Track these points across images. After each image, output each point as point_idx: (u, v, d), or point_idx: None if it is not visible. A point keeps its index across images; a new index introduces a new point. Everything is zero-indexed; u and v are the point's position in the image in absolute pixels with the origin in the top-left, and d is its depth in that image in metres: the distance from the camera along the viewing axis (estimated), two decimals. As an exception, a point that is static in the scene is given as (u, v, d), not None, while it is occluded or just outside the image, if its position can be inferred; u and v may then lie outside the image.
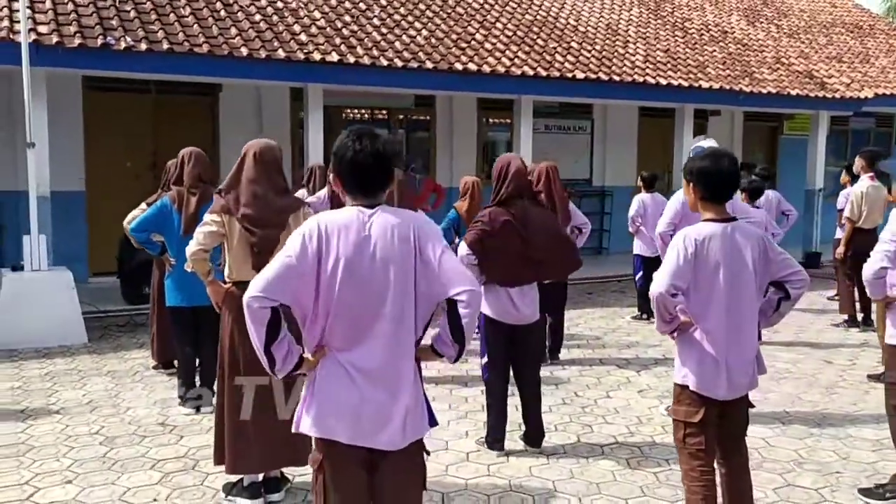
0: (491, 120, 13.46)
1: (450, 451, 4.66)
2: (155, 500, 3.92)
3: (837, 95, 13.25)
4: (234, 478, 3.94)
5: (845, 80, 13.92)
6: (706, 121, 15.61)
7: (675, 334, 3.27)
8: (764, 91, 12.43)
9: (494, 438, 4.61)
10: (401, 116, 12.87)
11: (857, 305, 8.40)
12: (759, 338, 3.46)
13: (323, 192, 6.95)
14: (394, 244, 2.44)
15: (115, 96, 10.23)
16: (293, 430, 2.54)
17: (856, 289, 8.22)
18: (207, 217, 3.86)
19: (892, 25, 19.72)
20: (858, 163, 8.45)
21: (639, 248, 8.59)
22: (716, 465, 3.28)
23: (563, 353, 6.95)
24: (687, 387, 3.21)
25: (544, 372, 6.45)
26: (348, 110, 12.37)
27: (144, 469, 4.30)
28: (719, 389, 3.15)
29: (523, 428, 4.74)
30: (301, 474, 4.11)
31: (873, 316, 8.47)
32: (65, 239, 8.96)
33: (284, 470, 4.01)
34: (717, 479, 3.26)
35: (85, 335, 7.28)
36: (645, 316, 8.47)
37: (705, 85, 11.85)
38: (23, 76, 7.21)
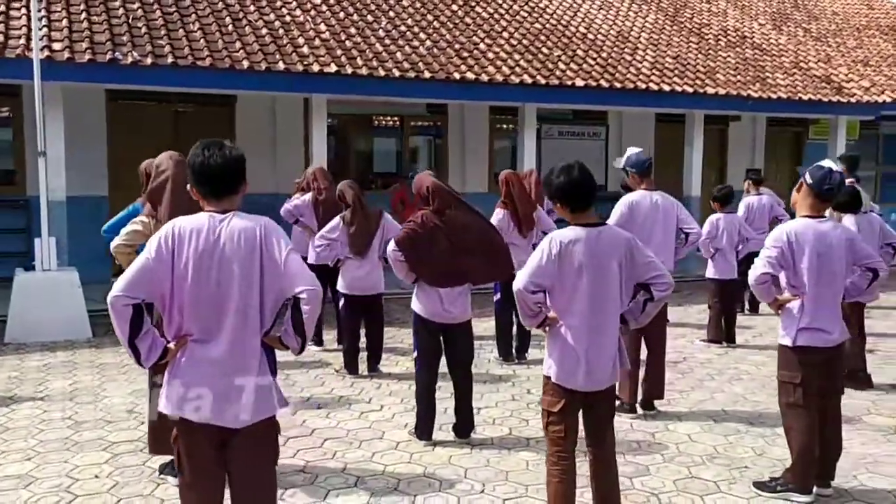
0: (503, 126, 13.71)
1: (384, 440, 4.97)
2: (97, 476, 4.34)
3: (853, 100, 13.11)
4: (170, 458, 4.32)
5: (865, 84, 13.74)
6: (727, 126, 15.59)
7: (546, 329, 3.52)
8: (774, 96, 12.40)
9: (422, 429, 4.90)
10: (413, 123, 13.25)
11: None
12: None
13: (308, 196, 7.38)
14: (240, 246, 2.76)
15: (136, 107, 10.88)
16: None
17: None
18: (137, 218, 4.26)
19: (933, 27, 19.19)
20: (840, 168, 8.44)
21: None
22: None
23: (534, 353, 7.17)
24: (550, 378, 3.46)
25: (506, 369, 6.77)
26: (359, 118, 12.80)
27: (98, 450, 4.72)
28: (579, 381, 3.40)
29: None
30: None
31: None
32: (89, 241, 9.56)
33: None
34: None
35: (89, 331, 7.82)
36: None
37: (711, 91, 11.90)
38: (34, 90, 7.81)
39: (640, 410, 5.52)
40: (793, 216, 4.26)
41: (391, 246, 4.71)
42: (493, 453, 4.75)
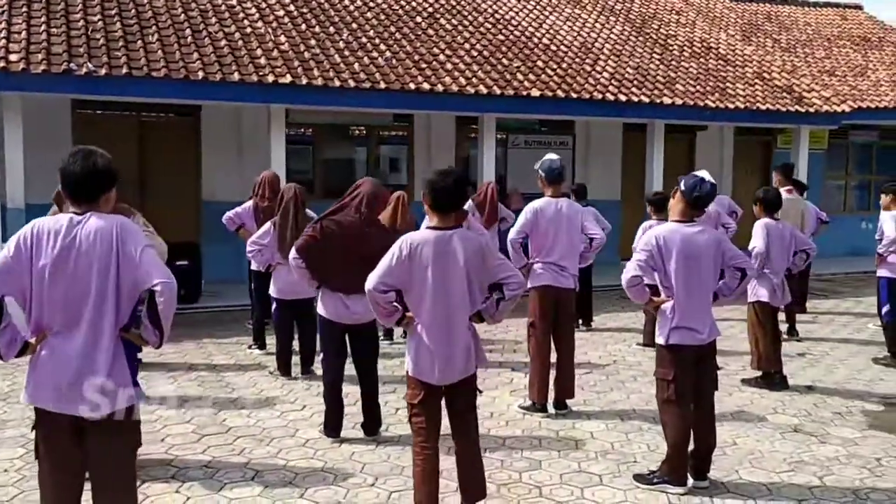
0: (471, 135, 13.91)
1: (295, 437, 5.16)
2: (6, 470, 4.53)
3: (812, 110, 13.33)
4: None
5: (826, 94, 13.96)
6: (694, 136, 15.80)
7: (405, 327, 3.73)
8: (732, 106, 12.62)
9: (330, 426, 5.09)
10: (380, 133, 13.48)
11: (784, 315, 8.57)
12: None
13: (249, 203, 7.60)
14: (97, 244, 2.96)
15: (102, 116, 11.11)
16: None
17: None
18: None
19: (905, 37, 19.46)
20: (776, 177, 8.69)
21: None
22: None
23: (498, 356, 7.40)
24: (409, 372, 3.66)
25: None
26: (326, 128, 13.03)
27: (14, 447, 4.93)
28: (434, 375, 3.60)
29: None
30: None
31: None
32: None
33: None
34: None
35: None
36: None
37: (668, 101, 12.12)
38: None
39: (552, 410, 5.70)
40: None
41: (292, 253, 4.89)
42: (395, 449, 4.93)
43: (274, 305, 6.69)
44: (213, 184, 11.58)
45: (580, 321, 8.50)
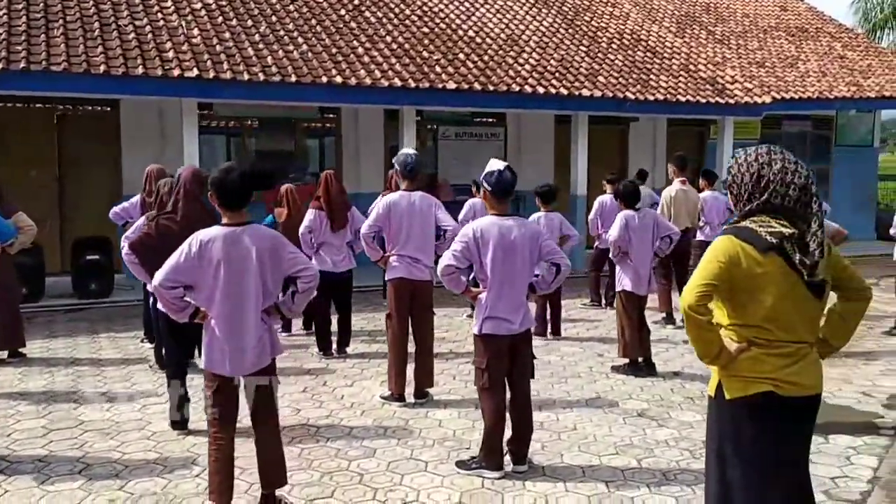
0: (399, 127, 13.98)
1: (143, 430, 5.23)
2: None
3: (733, 101, 13.54)
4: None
5: (748, 86, 14.18)
6: (627, 126, 16.00)
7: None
8: (651, 98, 12.79)
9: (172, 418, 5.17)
10: (305, 125, 13.52)
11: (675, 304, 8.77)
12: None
13: (137, 198, 7.62)
14: None
15: (18, 109, 11.06)
16: None
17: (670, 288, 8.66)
18: None
19: (842, 28, 19.76)
20: (670, 168, 8.84)
21: None
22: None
23: (362, 348, 7.48)
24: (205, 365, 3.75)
25: (322, 363, 7.03)
26: (250, 120, 13.05)
27: None
28: (225, 368, 3.68)
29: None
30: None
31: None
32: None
33: None
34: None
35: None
36: None
37: (587, 93, 12.25)
38: None
39: (411, 399, 5.81)
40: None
41: (124, 249, 4.95)
42: (242, 440, 5.00)
43: (151, 299, 6.72)
44: (133, 178, 11.51)
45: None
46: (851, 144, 18.11)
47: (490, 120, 14.77)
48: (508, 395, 4.51)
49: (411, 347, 5.85)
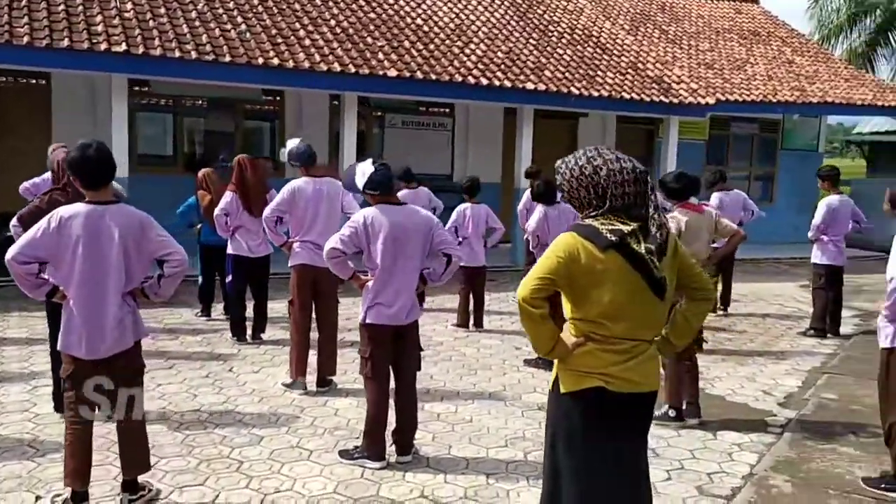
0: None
1: (28, 412, 5.08)
2: None
3: (677, 101, 13.63)
4: None
5: (693, 87, 14.29)
6: (577, 122, 16.04)
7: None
8: (596, 94, 12.82)
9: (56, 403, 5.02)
10: (248, 107, 13.30)
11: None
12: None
13: (48, 174, 7.38)
14: None
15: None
16: None
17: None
18: None
19: (794, 33, 20.04)
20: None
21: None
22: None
23: (280, 334, 7.38)
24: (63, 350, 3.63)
25: (234, 349, 6.90)
26: (191, 100, 12.79)
27: None
28: (80, 350, 3.57)
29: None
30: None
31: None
32: None
33: None
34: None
35: None
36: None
37: (531, 86, 12.23)
38: None
39: (312, 388, 5.74)
40: None
41: (13, 221, 4.80)
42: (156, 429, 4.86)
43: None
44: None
45: None
46: (797, 149, 18.37)
47: (439, 110, 14.68)
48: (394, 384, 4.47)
49: (316, 335, 5.78)
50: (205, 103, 13.09)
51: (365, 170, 4.34)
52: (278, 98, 13.24)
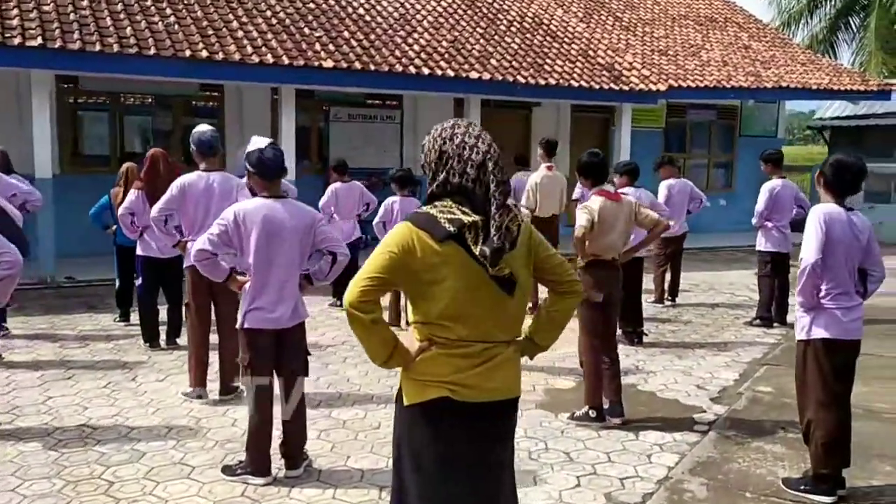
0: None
1: None
2: None
3: (628, 88, 13.38)
4: None
5: (645, 73, 14.04)
6: (530, 111, 15.73)
7: None
8: (544, 83, 12.52)
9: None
10: (186, 102, 12.84)
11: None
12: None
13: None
14: None
15: None
16: None
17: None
18: None
19: (751, 19, 19.89)
20: (539, 151, 8.55)
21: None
22: None
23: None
24: None
25: (145, 356, 6.52)
26: (126, 96, 12.33)
27: None
28: None
29: None
30: None
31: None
32: None
33: None
34: None
35: None
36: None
37: (475, 76, 11.91)
38: None
39: (216, 396, 5.37)
40: None
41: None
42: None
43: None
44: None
45: None
46: (756, 135, 18.21)
47: (387, 102, 14.31)
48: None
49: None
50: (144, 101, 12.63)
51: (259, 143, 3.96)
52: (216, 94, 12.80)
